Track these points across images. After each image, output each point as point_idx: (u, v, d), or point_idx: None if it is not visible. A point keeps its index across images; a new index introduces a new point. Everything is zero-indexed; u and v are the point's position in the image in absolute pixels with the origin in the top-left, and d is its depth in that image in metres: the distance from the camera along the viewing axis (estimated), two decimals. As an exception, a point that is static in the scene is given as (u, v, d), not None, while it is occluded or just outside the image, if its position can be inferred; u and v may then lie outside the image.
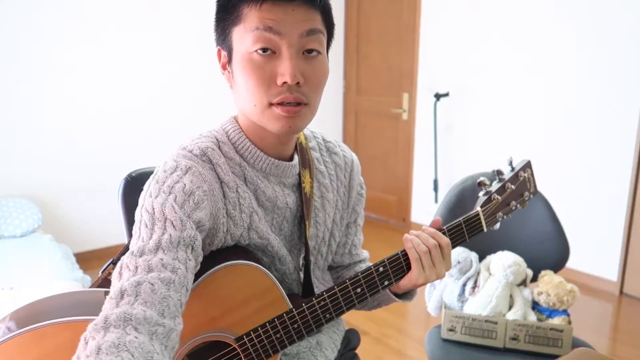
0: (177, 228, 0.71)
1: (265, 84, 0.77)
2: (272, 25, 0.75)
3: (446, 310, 1.47)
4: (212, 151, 0.83)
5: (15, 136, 3.00)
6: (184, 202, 0.74)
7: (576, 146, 3.00)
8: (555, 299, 1.45)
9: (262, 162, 0.87)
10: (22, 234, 2.72)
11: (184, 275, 0.69)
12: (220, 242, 0.83)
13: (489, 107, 3.42)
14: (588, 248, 2.97)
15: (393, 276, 0.89)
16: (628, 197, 2.82)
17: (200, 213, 0.75)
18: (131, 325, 0.61)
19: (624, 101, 2.78)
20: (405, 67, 3.94)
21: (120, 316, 0.61)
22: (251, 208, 0.84)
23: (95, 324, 0.61)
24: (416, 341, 2.41)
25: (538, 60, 3.12)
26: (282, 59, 0.77)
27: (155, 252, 0.69)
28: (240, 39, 0.78)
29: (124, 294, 0.64)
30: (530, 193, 0.97)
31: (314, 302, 0.85)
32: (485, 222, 0.94)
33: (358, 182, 1.04)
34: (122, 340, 0.58)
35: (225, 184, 0.82)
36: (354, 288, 0.86)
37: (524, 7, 3.14)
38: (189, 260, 0.71)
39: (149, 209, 0.74)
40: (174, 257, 0.69)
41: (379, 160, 4.30)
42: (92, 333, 0.60)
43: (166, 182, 0.77)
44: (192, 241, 0.72)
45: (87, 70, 3.18)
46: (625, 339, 2.47)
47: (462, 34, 3.51)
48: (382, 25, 4.08)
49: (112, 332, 0.59)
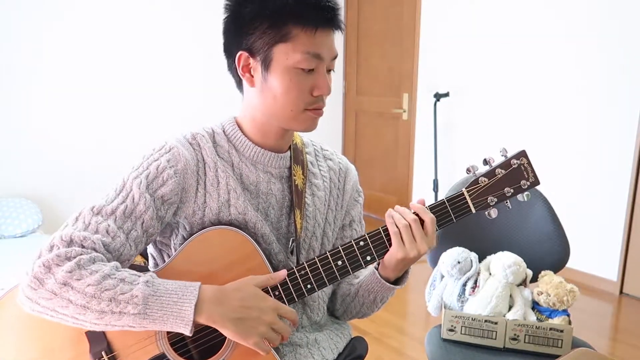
0: (134, 201, 0.86)
1: (305, 94, 0.91)
2: (320, 53, 0.89)
3: (446, 310, 1.47)
4: (202, 137, 0.96)
5: (15, 136, 3.00)
6: (154, 178, 0.88)
7: (576, 146, 3.00)
8: (555, 299, 1.45)
9: (250, 150, 0.97)
10: (22, 234, 2.72)
11: (121, 243, 0.84)
12: (197, 214, 0.92)
13: (489, 107, 3.42)
14: (588, 248, 2.97)
15: (375, 252, 0.91)
16: (628, 197, 2.82)
17: (166, 189, 0.88)
18: (87, 253, 0.80)
19: (624, 101, 2.78)
20: (405, 67, 3.94)
21: (77, 252, 0.79)
22: (229, 186, 0.93)
23: (57, 255, 0.78)
24: (416, 341, 2.41)
25: (538, 60, 3.12)
26: (320, 76, 0.91)
27: (108, 217, 0.84)
28: (286, 55, 0.88)
29: (72, 242, 0.81)
30: (529, 182, 0.96)
31: (294, 271, 0.89)
32: (473, 203, 0.94)
33: (354, 188, 1.11)
34: (92, 256, 0.80)
35: (207, 164, 0.93)
36: (334, 260, 0.90)
37: (524, 7, 3.14)
38: (134, 230, 0.85)
39: (125, 177, 0.89)
40: (119, 226, 0.84)
41: (379, 160, 4.30)
42: (57, 262, 0.78)
43: (149, 159, 0.91)
44: (142, 214, 0.86)
45: (87, 70, 3.18)
46: (625, 339, 2.47)
47: (462, 34, 3.51)
48: (382, 25, 4.08)
49: (77, 258, 0.78)
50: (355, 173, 1.13)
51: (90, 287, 0.76)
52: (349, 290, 1.07)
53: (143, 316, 0.77)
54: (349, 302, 1.08)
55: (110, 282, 0.77)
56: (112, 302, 0.76)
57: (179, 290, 0.79)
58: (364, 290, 1.03)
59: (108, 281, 0.77)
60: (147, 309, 0.77)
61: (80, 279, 0.76)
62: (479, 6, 3.38)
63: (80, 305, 0.76)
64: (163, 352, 0.87)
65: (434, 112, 3.56)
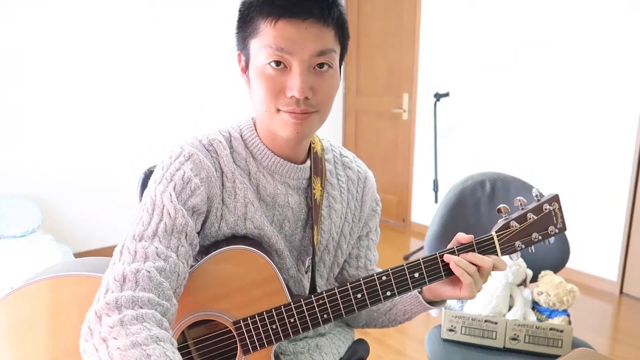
0: (172, 216, 0.80)
1: (275, 94, 0.83)
2: (284, 46, 0.80)
3: (446, 310, 1.47)
4: (219, 143, 0.89)
5: (15, 136, 3.00)
6: (182, 189, 0.83)
7: (576, 146, 3.00)
8: (555, 299, 1.45)
9: (268, 159, 0.91)
10: (22, 234, 2.72)
11: (174, 263, 0.78)
12: (213, 226, 0.88)
13: (489, 107, 3.42)
14: (588, 248, 2.97)
15: (397, 289, 0.88)
16: (628, 197, 2.82)
17: (196, 199, 0.83)
18: (138, 305, 0.72)
19: (624, 101, 2.78)
20: (405, 67, 3.94)
21: (128, 299, 0.72)
22: (247, 199, 0.89)
23: (107, 303, 0.71)
24: (416, 341, 2.41)
25: (538, 61, 3.12)
26: (293, 74, 0.81)
27: (152, 240, 0.78)
28: (256, 51, 0.83)
29: (125, 279, 0.74)
30: (557, 228, 0.94)
31: (312, 300, 0.86)
32: (501, 248, 0.91)
33: (373, 198, 1.07)
34: (139, 313, 0.71)
35: (224, 174, 0.88)
36: (354, 293, 0.87)
37: (524, 7, 3.14)
38: (181, 246, 0.80)
39: (152, 195, 0.83)
40: (167, 246, 0.79)
41: (379, 160, 4.30)
42: (106, 311, 0.71)
43: (169, 169, 0.85)
44: (184, 228, 0.81)
45: (88, 70, 3.18)
46: (625, 339, 2.47)
47: (462, 34, 3.51)
48: (382, 25, 4.08)
49: (125, 311, 0.71)
50: (374, 181, 1.08)
51: (118, 351, 0.69)
52: (377, 307, 1.04)
53: None
54: (375, 317, 1.06)
55: (135, 354, 0.68)
56: None
57: None
58: (398, 309, 1.01)
59: (134, 351, 0.68)
60: None
61: (117, 339, 0.69)
62: (479, 6, 3.38)
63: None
64: None
65: (434, 112, 3.56)
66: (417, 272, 0.89)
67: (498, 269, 0.90)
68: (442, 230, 1.55)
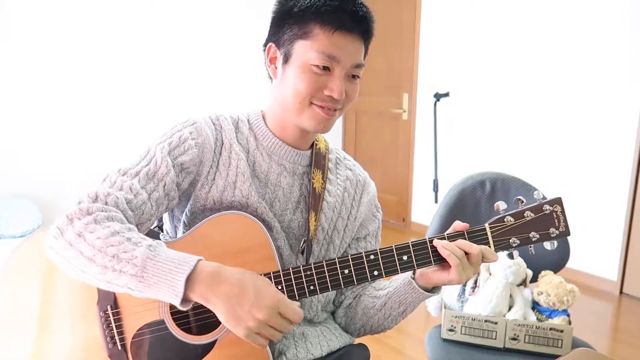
0: (157, 164, 0.91)
1: (315, 90, 0.92)
2: (335, 55, 0.90)
3: (446, 310, 1.47)
4: (225, 120, 1.00)
5: (15, 136, 3.00)
6: (176, 146, 0.93)
7: (576, 146, 3.00)
8: (555, 299, 1.45)
9: (268, 140, 1.00)
10: (22, 234, 2.71)
11: (142, 201, 0.87)
12: (204, 187, 0.95)
13: (489, 107, 3.42)
14: (588, 248, 2.97)
15: (384, 269, 0.90)
16: (628, 197, 2.82)
17: (186, 157, 0.93)
18: (107, 213, 0.82)
19: (624, 100, 2.78)
20: (405, 67, 3.94)
21: (99, 208, 0.82)
22: (239, 169, 0.96)
23: (80, 210, 0.81)
24: (416, 341, 2.41)
25: (538, 60, 3.12)
26: (334, 78, 0.92)
27: (133, 177, 0.89)
28: (304, 51, 0.91)
29: (97, 198, 0.84)
30: (558, 231, 0.93)
31: (300, 269, 0.88)
32: (494, 241, 0.92)
33: (372, 203, 1.12)
34: (110, 215, 0.82)
35: (223, 144, 0.98)
36: (341, 268, 0.89)
37: (524, 7, 3.14)
38: (156, 191, 0.89)
39: (150, 145, 0.94)
40: (142, 186, 0.88)
41: (378, 160, 4.30)
42: (78, 215, 0.81)
43: (173, 129, 0.97)
44: (164, 177, 0.90)
45: (87, 70, 3.18)
46: (625, 339, 2.47)
47: (462, 34, 3.51)
48: (382, 25, 4.07)
49: (97, 213, 0.81)
50: (375, 190, 1.13)
51: (99, 240, 0.77)
52: (373, 303, 1.05)
53: (139, 279, 0.75)
54: (371, 315, 1.06)
55: (117, 239, 0.77)
56: (114, 259, 0.76)
57: (177, 259, 0.76)
58: (393, 302, 1.02)
59: (115, 237, 0.78)
60: (144, 272, 0.75)
61: (93, 232, 0.78)
62: (479, 6, 3.38)
63: (87, 258, 0.77)
64: (162, 319, 0.89)
65: (434, 112, 3.56)
66: (406, 255, 0.91)
67: (487, 259, 0.90)
68: (442, 230, 1.54)
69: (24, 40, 2.96)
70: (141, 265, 0.75)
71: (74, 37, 3.11)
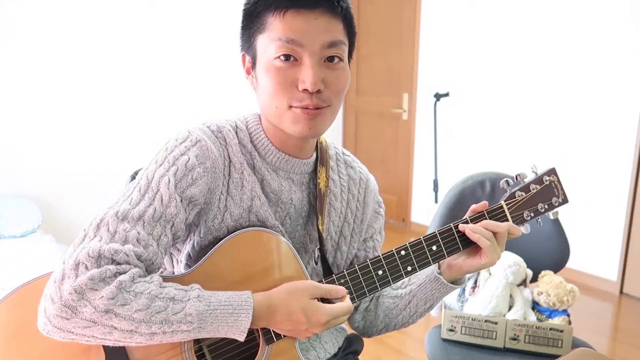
0: (164, 204, 0.77)
1: (286, 88, 0.80)
2: (294, 37, 0.78)
3: (446, 310, 1.47)
4: (228, 131, 0.87)
5: (15, 136, 3.00)
6: (182, 176, 0.79)
7: (576, 146, 3.00)
8: (555, 299, 1.45)
9: (272, 155, 0.89)
10: (22, 234, 2.71)
11: (154, 252, 0.76)
12: (217, 218, 0.85)
13: (489, 107, 3.42)
14: (588, 248, 2.97)
15: (417, 263, 0.89)
16: (628, 197, 2.82)
17: (195, 189, 0.80)
18: (124, 272, 0.72)
19: (624, 101, 2.78)
20: (405, 67, 3.94)
21: (113, 271, 0.71)
22: (254, 192, 0.86)
23: (90, 279, 0.68)
24: (416, 341, 2.41)
25: (538, 61, 3.12)
26: (304, 67, 0.79)
27: (136, 223, 0.75)
28: (264, 47, 0.81)
29: (101, 257, 0.71)
30: (559, 199, 0.96)
31: (334, 279, 0.87)
32: (512, 217, 0.93)
33: (375, 201, 1.07)
34: (131, 275, 0.72)
35: (232, 163, 0.85)
36: (374, 269, 0.88)
37: (524, 7, 3.14)
38: (164, 235, 0.77)
39: (149, 175, 0.79)
40: (149, 233, 0.75)
41: (379, 160, 4.30)
42: (91, 286, 0.69)
43: (173, 152, 0.81)
44: (173, 218, 0.77)
45: (87, 70, 3.18)
46: (625, 339, 2.47)
47: (462, 34, 3.51)
48: (382, 25, 4.08)
49: (119, 277, 0.70)
50: (376, 184, 1.08)
51: (139, 312, 0.69)
52: (395, 304, 1.02)
53: (197, 331, 0.74)
54: (394, 315, 1.02)
55: (160, 304, 0.71)
56: (164, 324, 0.71)
57: (233, 301, 0.76)
58: (419, 299, 0.99)
59: (157, 303, 0.71)
60: (202, 323, 0.73)
61: (126, 304, 0.69)
62: (479, 6, 3.38)
63: (127, 331, 0.70)
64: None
65: (434, 112, 3.56)
66: (435, 245, 0.89)
67: (513, 234, 0.91)
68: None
69: (23, 40, 2.96)
70: (198, 320, 0.73)
71: (74, 37, 3.11)
